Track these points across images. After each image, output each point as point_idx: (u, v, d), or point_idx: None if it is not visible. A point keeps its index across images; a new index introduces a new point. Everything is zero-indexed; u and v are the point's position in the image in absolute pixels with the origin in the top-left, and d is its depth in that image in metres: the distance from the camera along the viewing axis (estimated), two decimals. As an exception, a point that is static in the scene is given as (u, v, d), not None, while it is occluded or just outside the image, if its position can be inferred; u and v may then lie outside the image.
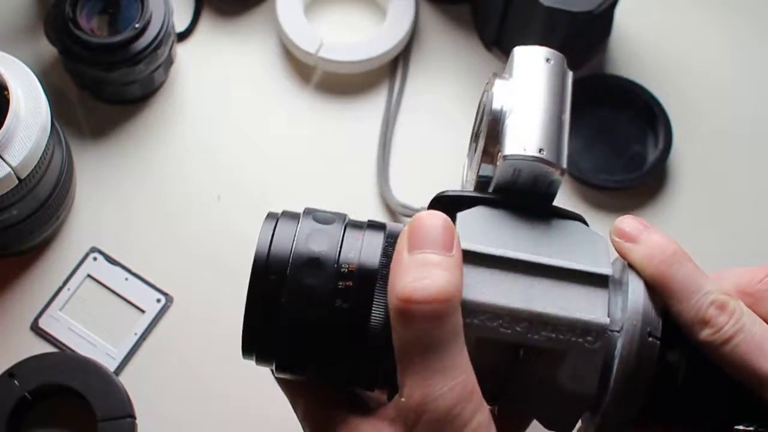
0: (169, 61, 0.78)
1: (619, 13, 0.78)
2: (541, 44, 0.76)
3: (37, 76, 0.67)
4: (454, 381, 0.38)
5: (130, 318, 0.72)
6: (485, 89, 0.45)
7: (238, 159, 0.77)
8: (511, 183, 0.43)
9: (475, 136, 0.47)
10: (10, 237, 0.70)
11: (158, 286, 0.73)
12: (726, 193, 0.78)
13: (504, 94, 0.43)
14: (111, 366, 0.71)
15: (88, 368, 0.69)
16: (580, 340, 0.40)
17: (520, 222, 0.43)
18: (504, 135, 0.42)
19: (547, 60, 0.44)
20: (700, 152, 0.79)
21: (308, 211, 0.44)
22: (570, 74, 0.45)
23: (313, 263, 0.41)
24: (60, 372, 0.68)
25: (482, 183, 0.45)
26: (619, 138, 0.78)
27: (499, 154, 0.43)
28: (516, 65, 0.44)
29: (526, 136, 0.42)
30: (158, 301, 0.73)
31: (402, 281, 0.38)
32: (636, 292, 0.41)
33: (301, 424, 0.46)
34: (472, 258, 0.40)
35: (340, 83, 0.80)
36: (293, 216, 0.44)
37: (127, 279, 0.73)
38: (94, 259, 0.74)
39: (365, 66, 0.79)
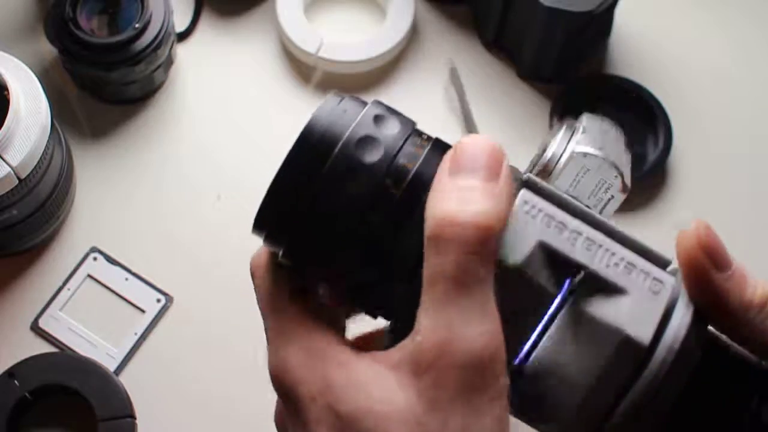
0: (169, 61, 0.78)
1: (619, 13, 0.78)
2: (542, 44, 0.77)
3: (37, 76, 0.67)
4: (484, 327, 0.33)
5: (130, 318, 0.73)
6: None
7: (238, 159, 0.77)
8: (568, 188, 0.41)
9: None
10: (10, 237, 0.70)
11: (158, 286, 0.73)
12: (726, 193, 0.78)
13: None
14: (111, 366, 0.71)
15: (88, 368, 0.69)
16: (647, 281, 0.36)
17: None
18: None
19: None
20: (700, 152, 0.79)
21: (376, 105, 0.41)
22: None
23: (357, 166, 0.37)
24: (60, 372, 0.68)
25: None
26: (619, 138, 0.78)
27: (572, 151, 0.41)
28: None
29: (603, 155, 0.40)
30: (158, 301, 0.73)
31: (440, 204, 0.34)
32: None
33: (268, 338, 0.38)
34: (537, 190, 0.37)
35: (340, 83, 0.80)
36: (360, 104, 0.41)
37: (127, 279, 0.73)
38: (94, 259, 0.74)
39: (365, 66, 0.79)
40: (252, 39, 0.81)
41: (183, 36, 0.81)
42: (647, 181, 0.77)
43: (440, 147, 0.39)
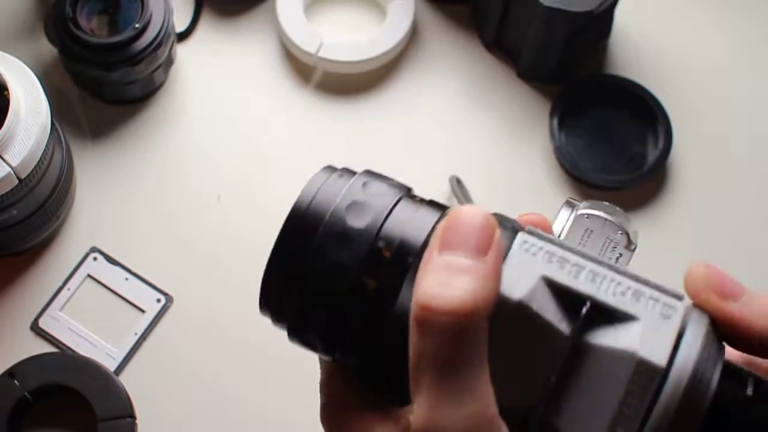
0: (169, 61, 0.78)
1: (619, 13, 0.78)
2: (542, 44, 0.77)
3: (37, 76, 0.67)
4: (468, 409, 0.33)
5: (130, 318, 0.72)
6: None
7: (238, 159, 0.77)
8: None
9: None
10: (10, 237, 0.70)
11: (158, 286, 0.73)
12: (726, 193, 0.78)
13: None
14: (111, 366, 0.71)
15: (88, 368, 0.69)
16: (656, 306, 0.35)
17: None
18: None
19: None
20: (700, 152, 0.79)
21: (365, 174, 0.40)
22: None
23: (342, 238, 0.37)
24: (60, 372, 0.68)
25: None
26: (619, 138, 0.78)
27: (575, 209, 0.41)
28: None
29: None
30: (158, 301, 0.73)
31: (425, 284, 0.34)
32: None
33: (320, 405, 0.42)
34: (536, 234, 0.36)
35: (340, 83, 0.80)
36: (349, 174, 0.40)
37: (127, 279, 0.73)
38: (94, 259, 0.74)
39: (365, 66, 0.79)
40: (252, 39, 0.81)
41: (183, 36, 0.81)
42: (647, 181, 0.77)
43: (435, 208, 0.38)
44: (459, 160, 0.78)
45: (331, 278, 0.37)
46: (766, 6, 0.85)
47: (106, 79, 0.75)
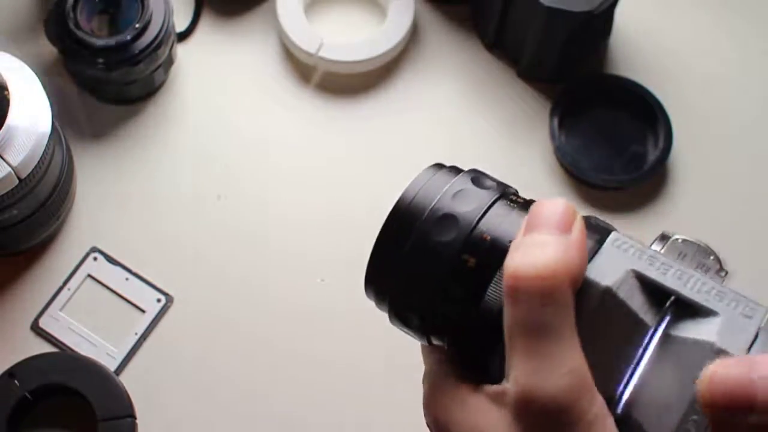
0: (169, 61, 0.78)
1: (619, 13, 0.78)
2: (542, 44, 0.77)
3: (37, 76, 0.67)
4: (563, 368, 0.35)
5: (130, 318, 0.73)
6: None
7: (238, 159, 0.77)
8: None
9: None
10: (10, 237, 0.70)
11: (158, 286, 0.73)
12: (726, 193, 0.78)
13: None
14: (111, 366, 0.71)
15: (89, 368, 0.69)
16: (739, 306, 0.36)
17: None
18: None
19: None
20: (700, 152, 0.79)
21: (471, 172, 0.43)
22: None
23: (447, 220, 0.40)
24: (60, 372, 0.68)
25: None
26: (619, 138, 0.78)
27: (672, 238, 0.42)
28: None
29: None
30: (158, 301, 0.73)
31: (513, 259, 0.36)
32: None
33: (423, 395, 0.44)
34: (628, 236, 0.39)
35: (340, 83, 0.80)
36: (455, 171, 0.44)
37: (127, 279, 0.73)
38: (94, 259, 0.74)
39: (365, 66, 0.79)
40: (252, 39, 0.81)
41: (183, 36, 0.81)
42: (647, 181, 0.77)
43: (527, 208, 0.41)
44: (459, 160, 0.78)
45: (435, 257, 0.39)
46: (766, 6, 0.85)
47: (106, 79, 0.75)
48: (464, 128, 0.79)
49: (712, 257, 0.41)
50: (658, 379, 0.36)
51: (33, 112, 0.65)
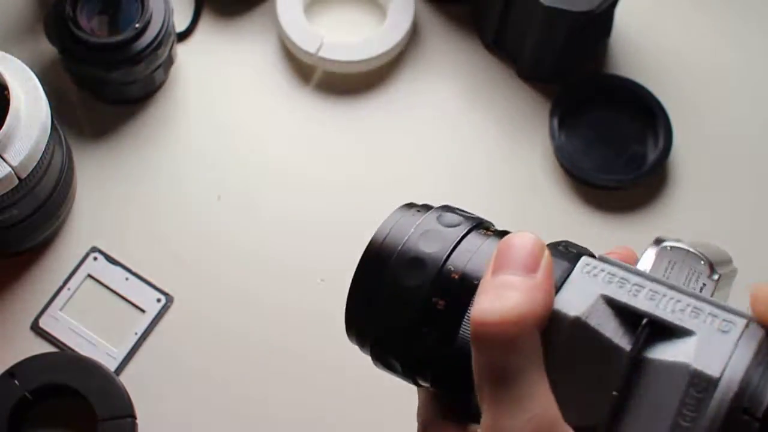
0: (169, 61, 0.78)
1: (619, 13, 0.78)
2: (542, 44, 0.77)
3: (37, 76, 0.67)
4: (526, 414, 0.35)
5: (130, 318, 0.73)
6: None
7: (238, 159, 0.77)
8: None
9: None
10: (10, 237, 0.70)
11: (158, 286, 0.73)
12: (726, 193, 0.78)
13: None
14: (111, 366, 0.71)
15: (89, 368, 0.69)
16: (715, 321, 0.35)
17: None
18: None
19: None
20: (700, 152, 0.79)
21: (440, 209, 0.43)
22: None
23: (415, 263, 0.40)
24: (60, 372, 0.68)
25: None
26: (619, 138, 0.78)
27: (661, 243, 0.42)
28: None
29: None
30: (158, 301, 0.73)
31: (478, 304, 0.36)
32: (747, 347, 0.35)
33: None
34: (601, 258, 0.38)
35: (340, 83, 0.80)
36: (425, 209, 0.43)
37: (127, 279, 0.73)
38: (94, 259, 0.74)
39: (365, 66, 0.79)
40: (252, 39, 0.81)
41: (183, 36, 0.81)
42: (647, 181, 0.77)
43: (500, 237, 0.40)
44: (459, 160, 0.78)
45: (406, 303, 0.39)
46: (766, 6, 0.85)
47: (106, 79, 0.75)
48: (464, 128, 0.79)
49: (702, 262, 0.41)
50: (640, 406, 0.35)
51: (33, 113, 0.65)
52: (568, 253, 0.38)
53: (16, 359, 0.68)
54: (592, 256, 0.39)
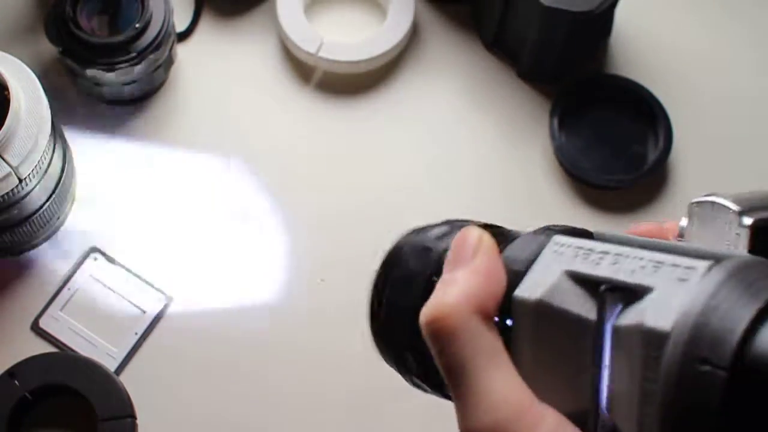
0: (169, 61, 0.77)
1: (619, 13, 0.78)
2: (542, 44, 0.77)
3: (37, 76, 0.67)
4: (482, 405, 0.34)
5: (130, 318, 0.72)
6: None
7: (238, 159, 0.77)
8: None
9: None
10: (10, 237, 0.70)
11: (158, 286, 0.73)
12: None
13: None
14: (111, 366, 0.71)
15: (89, 368, 0.69)
16: (675, 272, 0.32)
17: None
18: None
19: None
20: (700, 152, 0.79)
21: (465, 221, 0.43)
22: None
23: (406, 280, 0.40)
24: (60, 372, 0.68)
25: None
26: (619, 138, 0.78)
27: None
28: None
29: None
30: (158, 301, 0.73)
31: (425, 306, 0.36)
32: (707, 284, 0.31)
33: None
34: (579, 233, 0.37)
35: (340, 83, 0.80)
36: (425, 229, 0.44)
37: (127, 279, 0.73)
38: (95, 259, 0.74)
39: (365, 66, 0.79)
40: (252, 39, 0.81)
41: (183, 36, 0.81)
42: (647, 181, 0.77)
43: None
44: (459, 159, 0.78)
45: (409, 285, 0.40)
46: (765, 5, 0.85)
47: (106, 79, 0.75)
48: (464, 128, 0.79)
49: (730, 211, 0.38)
50: (620, 379, 0.33)
51: (33, 113, 0.65)
52: (540, 237, 0.37)
53: (16, 359, 0.68)
54: (586, 234, 0.37)
